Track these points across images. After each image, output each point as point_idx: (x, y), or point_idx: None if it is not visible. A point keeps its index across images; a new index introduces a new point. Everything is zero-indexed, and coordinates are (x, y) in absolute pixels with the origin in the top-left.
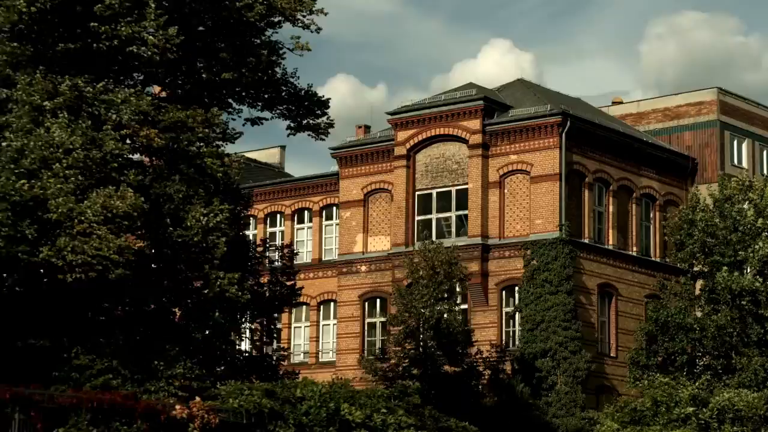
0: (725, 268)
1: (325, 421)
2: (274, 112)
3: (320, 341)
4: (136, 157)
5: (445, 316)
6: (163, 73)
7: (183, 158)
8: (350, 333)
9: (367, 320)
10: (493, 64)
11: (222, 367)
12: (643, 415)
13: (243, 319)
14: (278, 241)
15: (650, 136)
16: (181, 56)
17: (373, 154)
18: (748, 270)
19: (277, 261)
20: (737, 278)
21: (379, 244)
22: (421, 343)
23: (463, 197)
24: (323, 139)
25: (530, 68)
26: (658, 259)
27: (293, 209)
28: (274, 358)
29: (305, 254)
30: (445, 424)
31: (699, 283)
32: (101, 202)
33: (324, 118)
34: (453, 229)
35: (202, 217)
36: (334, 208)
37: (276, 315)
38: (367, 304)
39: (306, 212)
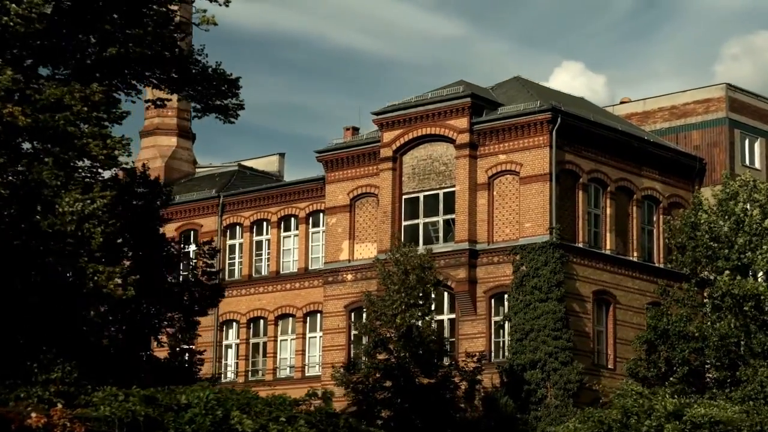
0: (727, 272)
1: (211, 429)
2: (182, 94)
3: (306, 354)
4: None
5: (419, 323)
6: (43, 47)
7: (57, 139)
8: (336, 345)
9: (353, 332)
10: (565, 87)
11: (118, 373)
12: (609, 428)
13: (158, 320)
14: (264, 251)
15: (653, 134)
16: (66, 29)
17: (359, 157)
18: (758, 274)
19: (197, 259)
20: (740, 283)
21: (366, 251)
22: (394, 354)
23: (450, 200)
24: (232, 122)
25: (602, 90)
26: (661, 265)
27: (279, 216)
28: (196, 363)
29: (291, 263)
30: None
31: (707, 290)
32: None
33: (233, 99)
34: (440, 234)
35: (77, 204)
36: (321, 214)
37: (197, 318)
38: (353, 314)
39: (292, 219)
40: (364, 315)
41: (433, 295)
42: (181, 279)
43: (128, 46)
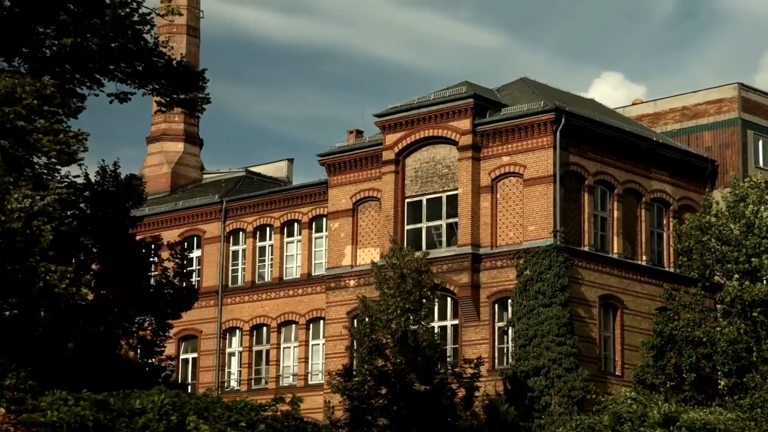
0: (736, 276)
1: None
2: (146, 88)
3: (309, 362)
4: None
5: (414, 328)
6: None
7: (7, 134)
8: (339, 353)
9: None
10: (605, 98)
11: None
12: None
13: (128, 324)
14: (267, 257)
15: (662, 136)
16: (24, 20)
17: (361, 160)
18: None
19: (169, 259)
20: (749, 287)
21: (369, 256)
22: (390, 360)
23: (453, 203)
24: (198, 116)
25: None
26: (671, 269)
27: (282, 221)
28: (166, 368)
29: (294, 269)
30: None
31: (718, 295)
32: None
33: (199, 93)
34: (444, 238)
35: (25, 201)
36: (324, 219)
37: (169, 321)
38: (356, 321)
39: (295, 224)
40: (354, 321)
41: (430, 300)
42: (153, 281)
43: (86, 37)
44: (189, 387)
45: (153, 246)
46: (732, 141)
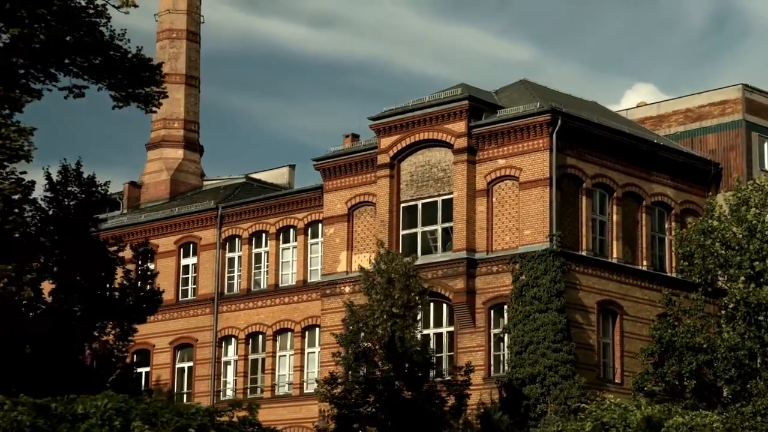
0: (742, 279)
1: None
2: (102, 83)
3: (305, 371)
4: None
5: (400, 334)
6: None
7: None
8: (334, 361)
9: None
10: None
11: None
12: None
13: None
14: (263, 264)
15: (664, 138)
16: None
17: (357, 165)
18: None
19: (133, 262)
20: (756, 291)
21: (364, 262)
22: (379, 367)
23: (449, 208)
24: (154, 111)
25: None
26: (673, 275)
27: (278, 228)
28: (121, 369)
29: (290, 276)
30: None
31: (722, 300)
32: None
33: (155, 87)
34: (439, 244)
35: None
36: (320, 224)
37: (133, 324)
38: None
39: (291, 230)
40: (334, 330)
41: (419, 305)
42: (116, 284)
43: (33, 27)
44: (152, 392)
45: (116, 248)
46: (736, 143)
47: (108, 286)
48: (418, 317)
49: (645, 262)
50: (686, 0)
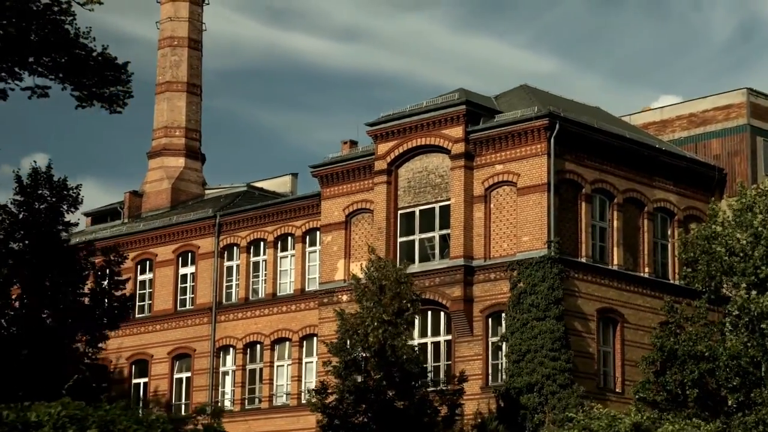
0: (744, 286)
1: None
2: (66, 82)
3: (303, 380)
4: None
5: (391, 342)
6: None
7: None
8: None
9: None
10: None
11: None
12: None
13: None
14: (261, 272)
15: (666, 143)
16: None
17: (354, 171)
18: None
19: (106, 267)
20: (757, 299)
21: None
22: (371, 376)
23: (446, 214)
24: (120, 112)
25: None
26: (676, 282)
27: (276, 236)
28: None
29: (288, 285)
30: None
31: (726, 307)
32: None
33: (120, 86)
34: (437, 251)
35: None
36: (318, 232)
37: (104, 330)
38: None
39: (289, 238)
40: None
41: (411, 312)
42: (88, 290)
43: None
44: (115, 400)
45: (86, 252)
46: (740, 148)
47: (78, 291)
48: (415, 325)
49: (647, 269)
50: (712, 12)
